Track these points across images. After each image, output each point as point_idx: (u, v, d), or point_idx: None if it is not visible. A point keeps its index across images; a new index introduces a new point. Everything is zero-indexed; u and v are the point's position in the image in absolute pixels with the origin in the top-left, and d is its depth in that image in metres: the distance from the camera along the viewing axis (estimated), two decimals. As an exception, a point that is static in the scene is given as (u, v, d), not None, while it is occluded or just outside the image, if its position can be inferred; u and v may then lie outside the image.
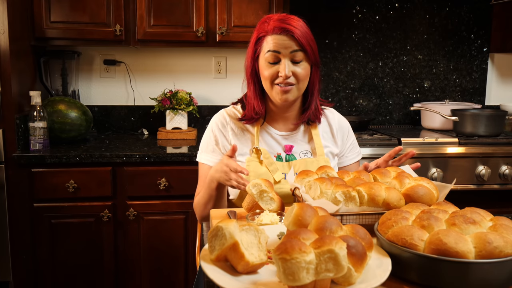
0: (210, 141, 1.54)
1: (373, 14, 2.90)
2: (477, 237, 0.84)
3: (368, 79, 2.96)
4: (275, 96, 1.44)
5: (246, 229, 0.90)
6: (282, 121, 1.55)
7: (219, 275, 0.85)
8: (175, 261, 2.30)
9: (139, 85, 2.83)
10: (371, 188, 1.09)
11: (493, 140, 2.46)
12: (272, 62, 1.41)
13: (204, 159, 1.54)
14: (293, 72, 1.40)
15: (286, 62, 1.39)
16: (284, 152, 1.52)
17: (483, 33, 2.99)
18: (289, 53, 1.39)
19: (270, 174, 1.44)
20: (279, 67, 1.40)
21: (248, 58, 1.49)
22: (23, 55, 2.33)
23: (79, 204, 2.20)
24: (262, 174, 1.43)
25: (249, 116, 1.51)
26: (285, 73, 1.38)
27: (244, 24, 2.46)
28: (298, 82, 1.43)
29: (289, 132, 1.54)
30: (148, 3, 2.40)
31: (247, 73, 1.50)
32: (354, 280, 0.79)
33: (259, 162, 1.46)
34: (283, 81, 1.40)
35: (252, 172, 1.44)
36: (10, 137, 2.18)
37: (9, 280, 2.21)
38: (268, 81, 1.43)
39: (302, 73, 1.42)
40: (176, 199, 2.26)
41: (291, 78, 1.41)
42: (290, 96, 1.43)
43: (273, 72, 1.41)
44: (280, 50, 1.39)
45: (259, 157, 1.47)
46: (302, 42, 1.39)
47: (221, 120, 1.55)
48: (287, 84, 1.41)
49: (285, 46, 1.38)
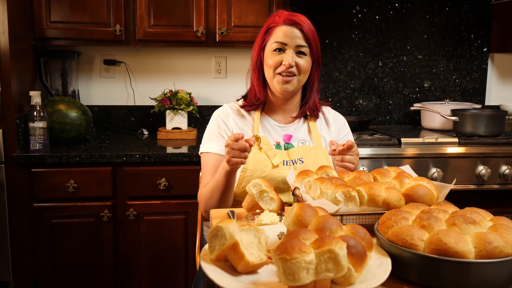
0: (213, 130, 1.57)
1: (373, 14, 2.90)
2: (477, 237, 0.84)
3: (368, 79, 2.96)
4: (275, 85, 1.51)
5: (246, 229, 0.90)
6: (282, 113, 1.61)
7: (219, 275, 0.85)
8: (175, 261, 2.30)
9: (139, 85, 2.83)
10: (371, 188, 1.09)
11: (493, 140, 2.46)
12: (277, 50, 1.48)
13: (208, 147, 1.55)
14: (296, 62, 1.48)
15: (291, 52, 1.47)
16: (283, 141, 1.57)
17: (483, 33, 2.99)
18: (295, 45, 1.47)
19: (269, 160, 1.49)
20: (284, 56, 1.47)
21: (256, 47, 1.56)
22: (23, 55, 2.33)
23: (79, 204, 2.20)
24: (260, 159, 1.48)
25: (250, 103, 1.59)
26: (289, 62, 1.46)
27: (244, 24, 2.46)
28: (299, 74, 1.49)
29: (288, 124, 1.60)
30: (148, 3, 2.40)
31: (253, 62, 1.58)
32: (354, 280, 0.79)
33: (259, 149, 1.51)
34: (286, 69, 1.47)
35: (251, 158, 1.48)
36: (10, 137, 2.18)
37: (9, 280, 2.21)
38: (271, 69, 1.50)
39: (304, 65, 1.49)
40: (176, 199, 2.26)
41: (293, 68, 1.48)
42: (290, 87, 1.49)
43: (277, 61, 1.48)
44: (287, 42, 1.47)
45: (259, 144, 1.52)
46: (309, 37, 1.47)
47: (223, 111, 1.61)
48: (289, 74, 1.48)
49: (293, 38, 1.47)
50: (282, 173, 1.47)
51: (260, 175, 1.47)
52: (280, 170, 1.48)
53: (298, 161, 1.50)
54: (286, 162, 1.50)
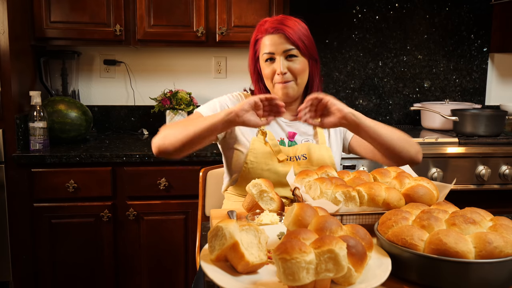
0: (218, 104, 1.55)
1: (373, 14, 2.90)
2: (477, 237, 0.84)
3: (368, 79, 2.96)
4: (277, 92, 1.52)
5: (246, 229, 0.90)
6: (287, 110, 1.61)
7: (219, 275, 0.85)
8: (175, 261, 2.30)
9: (139, 85, 2.83)
10: (371, 188, 1.09)
11: (493, 140, 2.46)
12: (268, 60, 1.49)
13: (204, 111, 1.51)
14: (288, 67, 1.48)
15: (280, 60, 1.47)
16: (287, 138, 1.58)
17: (483, 33, 2.99)
18: (282, 51, 1.47)
19: (274, 154, 1.50)
20: (275, 65, 1.48)
21: (250, 59, 1.58)
22: (23, 55, 2.33)
23: (79, 204, 2.20)
24: (265, 153, 1.50)
25: None
26: (280, 70, 1.46)
27: (244, 24, 2.46)
28: (295, 77, 1.49)
29: (293, 120, 1.61)
30: (148, 3, 2.40)
31: (250, 71, 1.59)
32: (354, 280, 0.79)
33: (264, 144, 1.52)
34: (281, 78, 1.47)
35: (257, 150, 1.50)
36: (10, 137, 2.18)
37: (9, 280, 2.21)
38: (268, 79, 1.52)
39: (297, 67, 1.48)
40: (176, 199, 2.26)
41: (287, 75, 1.48)
42: (290, 92, 1.50)
43: (271, 71, 1.50)
44: (273, 50, 1.47)
45: (264, 138, 1.53)
46: (294, 39, 1.46)
47: (236, 95, 1.62)
48: (285, 81, 1.48)
49: (278, 44, 1.47)
50: (286, 167, 1.48)
51: (264, 168, 1.48)
52: (284, 164, 1.49)
53: (301, 157, 1.52)
54: (289, 157, 1.52)
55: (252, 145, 1.51)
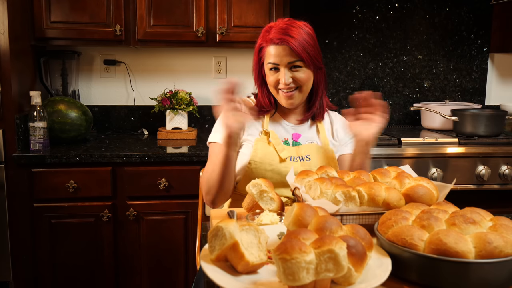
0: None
1: (373, 14, 2.90)
2: (477, 237, 0.84)
3: (368, 79, 2.96)
4: (281, 100, 1.54)
5: (246, 229, 0.90)
6: (291, 114, 1.64)
7: (219, 275, 0.85)
8: (175, 261, 2.30)
9: (139, 85, 2.83)
10: (371, 188, 1.09)
11: (493, 140, 2.46)
12: (273, 69, 1.51)
13: (216, 137, 1.54)
14: (293, 77, 1.49)
15: (284, 71, 1.48)
16: (291, 139, 1.59)
17: (483, 33, 2.99)
18: (286, 63, 1.48)
19: (277, 154, 1.51)
20: (280, 75, 1.49)
21: (254, 64, 1.59)
22: (23, 55, 2.33)
23: (79, 204, 2.20)
24: (268, 153, 1.50)
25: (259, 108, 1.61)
26: (284, 81, 1.48)
27: (244, 24, 2.46)
28: (300, 86, 1.51)
29: (297, 124, 1.62)
30: (148, 3, 2.40)
31: (255, 76, 1.60)
32: (354, 280, 0.79)
33: (268, 143, 1.53)
34: (285, 87, 1.49)
35: (260, 150, 1.50)
36: (10, 137, 2.18)
37: (9, 280, 2.21)
38: (272, 87, 1.54)
39: (302, 77, 1.50)
40: (176, 199, 2.26)
41: (291, 84, 1.49)
42: (295, 101, 1.53)
43: (275, 80, 1.51)
44: (278, 61, 1.48)
45: (268, 139, 1.54)
46: (298, 51, 1.46)
47: None
48: (289, 90, 1.50)
49: (282, 56, 1.48)
50: (288, 167, 1.49)
51: (267, 168, 1.49)
52: (287, 164, 1.50)
53: (305, 158, 1.52)
54: (293, 158, 1.52)
55: (255, 145, 1.51)
